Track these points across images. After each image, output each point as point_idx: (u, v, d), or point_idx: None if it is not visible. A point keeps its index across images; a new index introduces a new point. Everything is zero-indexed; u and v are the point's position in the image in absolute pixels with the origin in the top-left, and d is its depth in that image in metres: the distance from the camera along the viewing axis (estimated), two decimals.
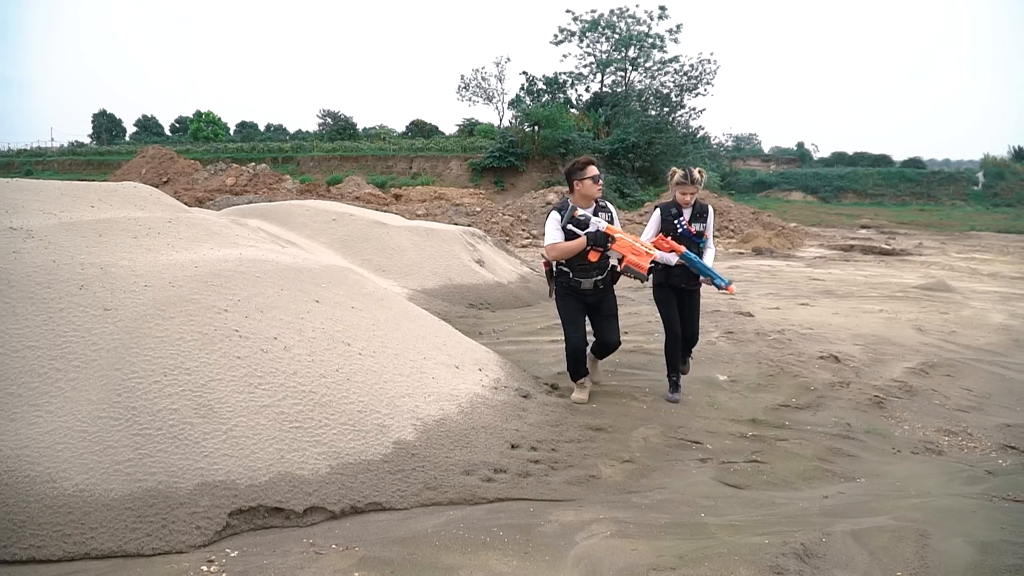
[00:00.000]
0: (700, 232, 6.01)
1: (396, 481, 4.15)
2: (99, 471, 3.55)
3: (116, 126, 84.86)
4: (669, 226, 6.00)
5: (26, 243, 4.64)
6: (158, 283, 4.56)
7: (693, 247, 5.90)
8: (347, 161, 47.50)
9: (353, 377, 4.52)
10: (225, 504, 3.64)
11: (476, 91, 55.01)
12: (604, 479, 4.60)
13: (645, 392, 6.37)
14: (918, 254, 20.62)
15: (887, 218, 36.80)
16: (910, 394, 6.64)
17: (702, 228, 6.01)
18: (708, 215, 6.07)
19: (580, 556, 3.57)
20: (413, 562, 3.46)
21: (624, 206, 33.94)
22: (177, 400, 3.88)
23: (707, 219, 6.06)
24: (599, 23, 50.77)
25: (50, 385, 3.85)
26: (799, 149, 74.85)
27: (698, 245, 5.96)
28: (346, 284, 5.65)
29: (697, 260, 5.79)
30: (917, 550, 3.60)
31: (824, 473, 4.85)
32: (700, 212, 6.03)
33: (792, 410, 6.10)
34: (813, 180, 54.44)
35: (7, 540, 3.30)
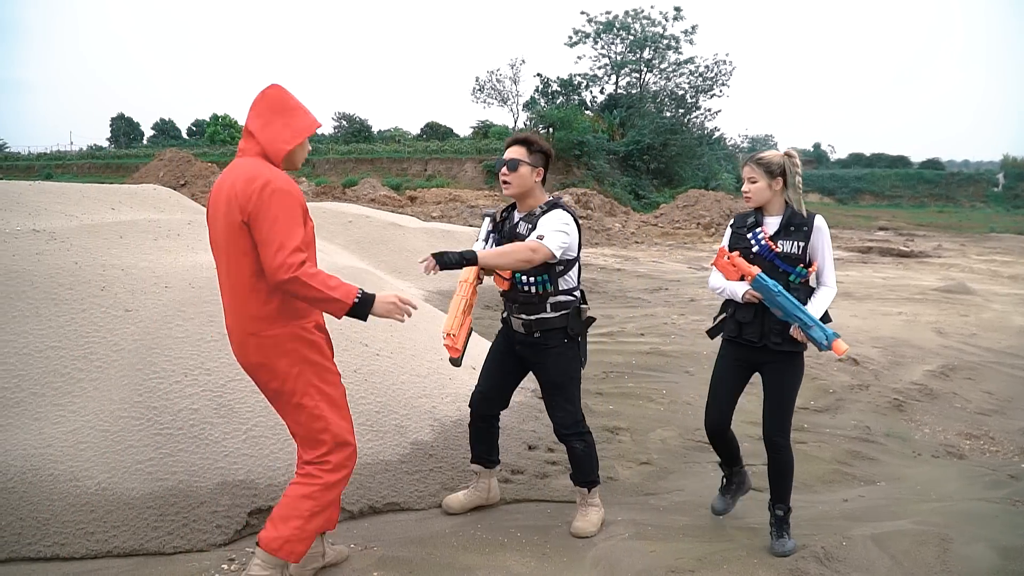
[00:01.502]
0: (793, 256, 3.56)
1: (414, 482, 4.16)
2: (121, 470, 3.58)
3: (134, 129, 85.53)
4: (742, 240, 3.71)
5: (49, 245, 4.69)
6: (178, 284, 4.60)
7: (779, 279, 3.56)
8: (362, 163, 47.63)
9: (371, 378, 4.54)
10: (245, 503, 3.66)
11: (491, 93, 55.17)
12: (621, 481, 4.60)
13: (662, 394, 6.36)
14: (937, 256, 20.46)
15: (905, 220, 36.58)
16: (930, 397, 6.60)
17: (797, 250, 3.55)
18: (813, 232, 3.56)
19: (598, 558, 3.57)
20: (431, 562, 3.47)
21: (639, 208, 33.90)
22: (197, 400, 3.91)
23: (809, 237, 3.56)
24: (614, 24, 50.74)
25: (73, 385, 3.89)
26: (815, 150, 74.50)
27: (787, 277, 3.57)
28: (363, 285, 5.66)
29: (782, 295, 3.47)
30: (939, 555, 3.58)
31: (844, 476, 4.83)
32: (795, 224, 3.59)
33: (811, 413, 6.07)
34: (830, 181, 54.24)
35: (31, 537, 3.34)
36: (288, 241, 2.73)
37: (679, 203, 28.32)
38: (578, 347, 3.80)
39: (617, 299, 11.51)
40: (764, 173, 3.59)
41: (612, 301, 11.27)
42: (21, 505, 3.39)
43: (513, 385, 3.99)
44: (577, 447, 3.83)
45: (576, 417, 3.81)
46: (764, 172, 3.59)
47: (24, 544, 3.32)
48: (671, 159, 42.44)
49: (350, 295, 2.81)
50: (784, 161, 3.59)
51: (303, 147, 3.05)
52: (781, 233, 3.61)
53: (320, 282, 2.75)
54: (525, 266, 3.46)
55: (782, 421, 3.72)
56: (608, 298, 11.56)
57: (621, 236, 22.55)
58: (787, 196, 3.63)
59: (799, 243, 3.55)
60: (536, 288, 3.64)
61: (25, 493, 3.43)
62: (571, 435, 3.81)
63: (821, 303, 3.56)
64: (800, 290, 3.57)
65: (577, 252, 3.72)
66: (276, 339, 2.90)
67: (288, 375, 2.92)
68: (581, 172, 39.86)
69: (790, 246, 3.57)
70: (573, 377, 3.80)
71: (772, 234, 3.62)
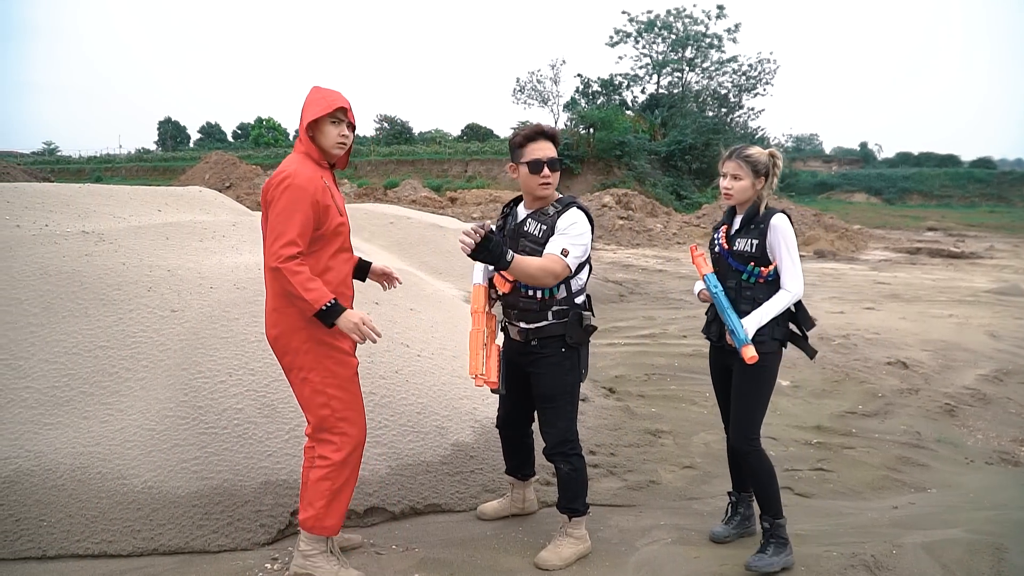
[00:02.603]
0: (746, 254, 3.46)
1: (455, 483, 4.15)
2: (167, 469, 3.63)
3: (180, 133, 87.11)
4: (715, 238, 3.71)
5: (97, 246, 4.78)
6: (223, 285, 4.65)
7: (732, 277, 3.50)
8: (403, 165, 47.93)
9: (412, 379, 4.54)
10: (288, 503, 3.68)
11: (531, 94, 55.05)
12: (664, 485, 4.55)
13: (705, 397, 6.27)
14: (989, 257, 19.99)
15: (955, 220, 35.79)
16: (983, 402, 6.42)
17: (751, 247, 3.45)
18: (768, 231, 3.41)
19: (641, 562, 3.52)
20: (472, 564, 3.46)
21: (681, 208, 33.61)
22: (241, 400, 3.95)
23: (764, 235, 3.42)
24: (655, 24, 50.43)
25: (120, 384, 3.95)
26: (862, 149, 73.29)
27: (740, 275, 3.47)
28: (404, 286, 5.66)
29: (718, 295, 3.44)
30: (993, 564, 3.48)
31: (893, 483, 4.72)
32: (753, 222, 3.48)
33: (859, 417, 5.95)
34: (877, 181, 53.22)
35: (80, 535, 3.40)
36: (286, 232, 2.96)
37: (722, 203, 27.94)
38: (578, 357, 3.51)
39: (659, 300, 11.41)
40: (751, 171, 3.48)
41: (654, 302, 11.18)
42: (70, 503, 3.46)
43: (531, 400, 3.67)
44: (562, 468, 3.52)
45: (565, 436, 3.50)
46: (751, 170, 3.48)
47: (73, 541, 3.38)
48: (713, 159, 41.59)
49: (320, 301, 2.96)
50: (770, 160, 3.51)
51: (326, 134, 3.17)
52: (741, 231, 3.53)
53: (300, 281, 2.94)
54: (550, 283, 3.32)
55: (743, 426, 3.53)
56: (650, 299, 11.47)
57: (663, 237, 22.39)
58: (762, 195, 3.52)
59: (753, 241, 3.45)
60: (541, 292, 3.40)
61: (74, 491, 3.49)
62: (556, 455, 3.52)
63: (772, 306, 3.40)
64: (757, 289, 3.45)
65: (588, 255, 3.51)
66: (293, 316, 3.09)
67: (299, 350, 3.13)
68: (622, 172, 39.64)
69: (744, 244, 3.48)
70: (567, 391, 3.51)
71: (734, 232, 3.56)
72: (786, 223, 3.44)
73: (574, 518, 3.55)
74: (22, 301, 4.22)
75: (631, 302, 11.21)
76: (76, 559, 3.35)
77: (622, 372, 6.96)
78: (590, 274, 3.56)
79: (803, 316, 3.55)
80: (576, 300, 3.45)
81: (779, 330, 3.48)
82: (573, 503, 3.54)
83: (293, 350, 3.14)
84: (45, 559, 3.34)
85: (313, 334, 3.11)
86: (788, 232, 3.43)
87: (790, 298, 3.42)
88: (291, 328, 3.11)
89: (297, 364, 3.15)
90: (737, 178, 3.50)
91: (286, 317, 3.10)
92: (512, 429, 3.86)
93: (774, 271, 3.43)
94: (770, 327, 3.43)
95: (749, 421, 3.52)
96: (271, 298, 3.15)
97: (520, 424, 3.85)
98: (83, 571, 3.27)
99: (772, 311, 3.40)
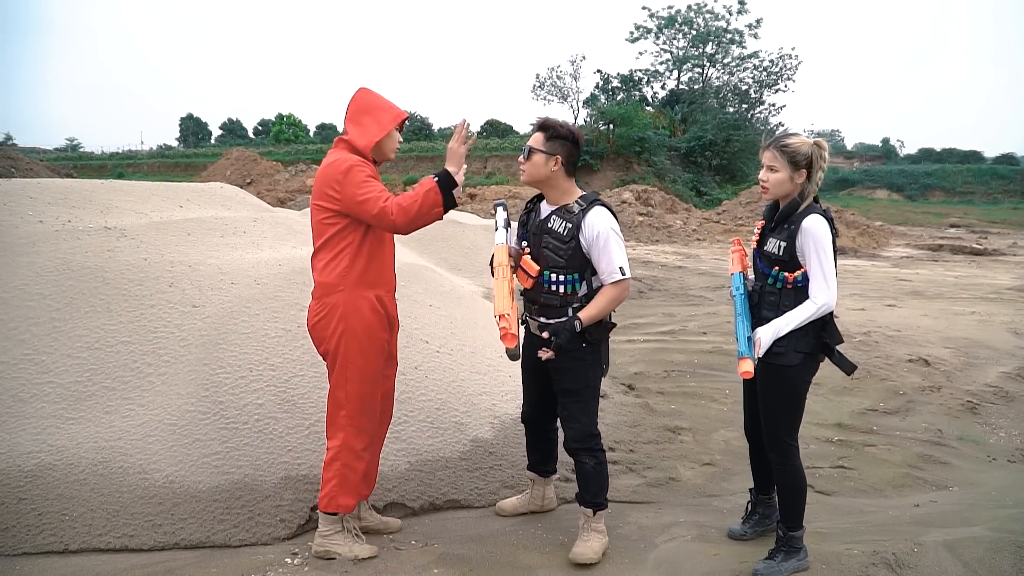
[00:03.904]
0: (773, 257, 3.27)
1: (474, 479, 4.16)
2: (188, 463, 3.66)
3: (202, 129, 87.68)
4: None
5: (120, 242, 4.81)
6: (244, 280, 4.68)
7: (759, 279, 3.39)
8: (423, 161, 47.94)
9: (431, 375, 4.55)
10: (308, 498, 3.70)
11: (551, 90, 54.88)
12: (684, 482, 4.53)
13: (725, 394, 6.24)
14: (1012, 254, 19.74)
15: (977, 217, 35.36)
16: (1006, 400, 6.35)
17: (778, 250, 3.24)
18: (799, 234, 3.17)
19: (660, 559, 3.51)
20: (491, 560, 3.46)
21: (701, 205, 33.44)
22: (262, 395, 3.97)
23: (793, 239, 3.19)
24: (676, 19, 50.11)
25: (142, 379, 3.98)
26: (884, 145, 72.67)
27: (766, 279, 3.31)
28: (423, 282, 5.69)
29: (737, 298, 3.39)
30: (1015, 563, 3.44)
31: (915, 481, 4.67)
32: (786, 222, 3.25)
33: (880, 415, 5.90)
34: (899, 177, 52.67)
35: (102, 529, 3.43)
36: (373, 193, 3.17)
37: (742, 200, 27.81)
38: (599, 353, 3.50)
39: (678, 297, 11.36)
40: (788, 163, 3.21)
41: (673, 299, 11.14)
42: (92, 497, 3.49)
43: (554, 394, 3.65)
44: (587, 463, 3.51)
45: (590, 430, 3.52)
46: (788, 161, 3.21)
47: (95, 535, 3.42)
48: (734, 155, 41.71)
49: (430, 181, 3.17)
50: (813, 151, 3.21)
51: (391, 137, 3.45)
52: (775, 229, 3.29)
53: (410, 195, 3.16)
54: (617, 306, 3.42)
55: (772, 435, 3.39)
56: (669, 296, 11.42)
57: (682, 233, 22.28)
58: (806, 190, 3.25)
59: (781, 243, 3.22)
60: (564, 288, 3.39)
61: (96, 485, 3.52)
62: (580, 449, 3.51)
63: (794, 316, 3.16)
64: (783, 295, 3.24)
65: None
66: (331, 306, 3.28)
67: (332, 337, 3.29)
68: (642, 169, 39.50)
69: (773, 245, 3.26)
70: (589, 385, 3.51)
71: (768, 230, 3.34)
72: (820, 226, 3.15)
73: (598, 512, 3.53)
74: (45, 296, 4.26)
75: (650, 299, 11.16)
76: (98, 553, 3.39)
77: (641, 369, 6.94)
78: None
79: (830, 330, 3.25)
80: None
81: (805, 342, 3.21)
82: (596, 497, 3.52)
83: (328, 338, 3.32)
84: (67, 553, 3.38)
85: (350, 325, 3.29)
86: (821, 236, 3.14)
87: (815, 310, 3.15)
88: (329, 317, 3.31)
89: (331, 350, 3.35)
90: (773, 170, 3.25)
91: (325, 306, 3.31)
92: (537, 424, 3.86)
93: (802, 276, 3.18)
94: (792, 338, 3.19)
95: (774, 435, 3.38)
96: (315, 287, 3.36)
97: (545, 419, 3.83)
98: (104, 565, 3.30)
99: (792, 321, 3.16)
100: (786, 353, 3.21)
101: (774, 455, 3.41)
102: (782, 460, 3.38)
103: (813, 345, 3.25)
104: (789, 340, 3.20)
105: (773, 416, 3.37)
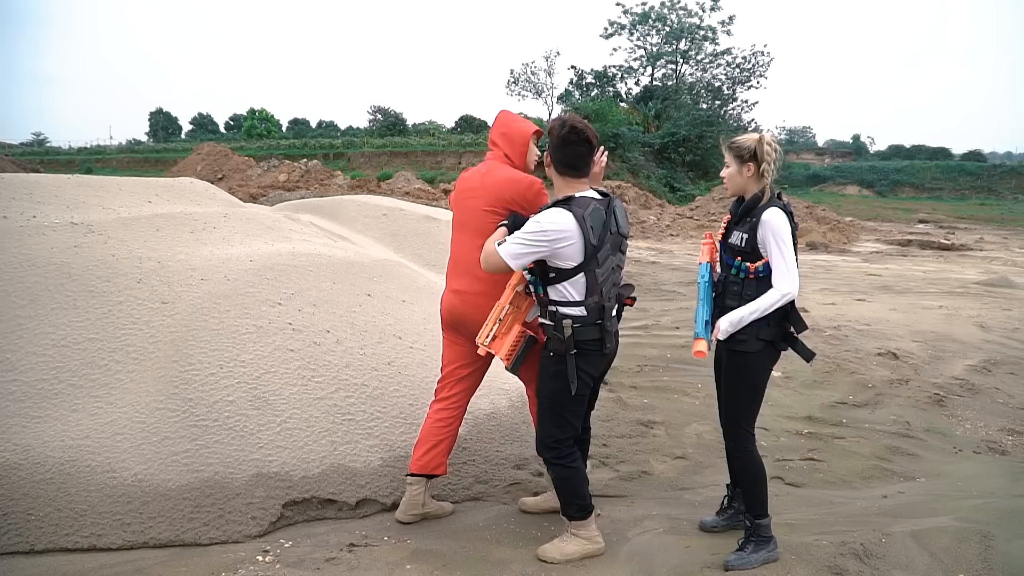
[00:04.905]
0: (735, 247, 3.42)
1: (447, 475, 4.15)
2: (157, 461, 3.61)
3: (172, 124, 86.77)
4: None
5: (86, 238, 4.74)
6: (214, 277, 4.63)
7: (724, 270, 3.51)
8: (397, 157, 47.77)
9: (405, 370, 4.53)
10: (279, 495, 3.68)
11: (525, 85, 55.08)
12: (656, 475, 4.56)
13: (697, 388, 6.29)
14: (979, 249, 20.06)
15: (946, 212, 35.90)
16: (972, 392, 6.46)
17: (741, 242, 3.38)
18: (759, 226, 3.31)
19: (633, 552, 3.53)
20: (465, 555, 3.46)
21: (674, 200, 33.64)
22: (233, 392, 3.93)
23: (755, 230, 3.32)
24: (650, 16, 50.37)
25: (110, 377, 3.93)
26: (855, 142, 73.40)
27: (730, 269, 3.43)
28: (397, 278, 5.67)
29: (701, 285, 3.51)
30: (980, 552, 3.50)
31: (883, 472, 4.74)
32: (748, 214, 3.39)
33: (849, 407, 5.97)
34: (869, 174, 53.27)
35: (69, 528, 3.38)
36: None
37: (715, 196, 28.06)
38: (563, 366, 3.31)
39: (652, 292, 11.42)
40: (734, 158, 3.39)
41: (647, 294, 11.19)
42: (59, 496, 3.44)
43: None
44: (549, 472, 3.54)
45: (547, 441, 3.43)
46: (734, 156, 3.39)
47: (62, 535, 3.37)
48: (707, 151, 42.01)
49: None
50: (755, 145, 3.35)
51: (532, 151, 3.90)
52: (739, 223, 3.43)
53: None
54: (481, 264, 3.40)
55: (730, 421, 3.51)
56: (642, 291, 11.47)
57: (656, 229, 22.40)
58: (763, 184, 3.37)
59: (743, 235, 3.36)
60: (533, 289, 3.39)
61: (63, 484, 3.47)
62: (543, 458, 3.53)
63: (757, 304, 3.27)
64: (745, 285, 3.35)
65: (580, 264, 3.24)
66: (475, 296, 3.68)
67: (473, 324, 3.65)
68: (616, 165, 39.61)
69: (736, 238, 3.41)
70: (548, 396, 3.42)
71: (733, 223, 3.48)
72: (778, 218, 3.29)
73: (572, 520, 3.49)
74: (9, 293, 4.19)
75: None
76: (65, 553, 3.34)
77: (615, 363, 6.93)
78: (592, 287, 3.29)
79: (794, 318, 3.39)
80: (565, 308, 3.29)
81: (767, 330, 3.34)
82: (565, 509, 3.50)
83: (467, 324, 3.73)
84: (33, 553, 3.33)
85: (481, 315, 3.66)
86: (779, 227, 3.27)
87: (778, 297, 3.26)
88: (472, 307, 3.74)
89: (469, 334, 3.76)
90: (726, 165, 3.46)
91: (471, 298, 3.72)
92: None
93: (764, 267, 3.30)
94: (755, 327, 3.30)
95: (733, 420, 3.50)
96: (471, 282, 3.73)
97: None
98: (72, 565, 3.26)
99: (757, 310, 3.27)
100: (748, 340, 3.34)
101: (731, 442, 3.55)
102: (738, 446, 3.52)
103: (775, 334, 3.38)
104: (751, 328, 3.32)
105: (733, 402, 3.51)
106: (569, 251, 3.22)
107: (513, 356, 3.41)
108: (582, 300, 3.29)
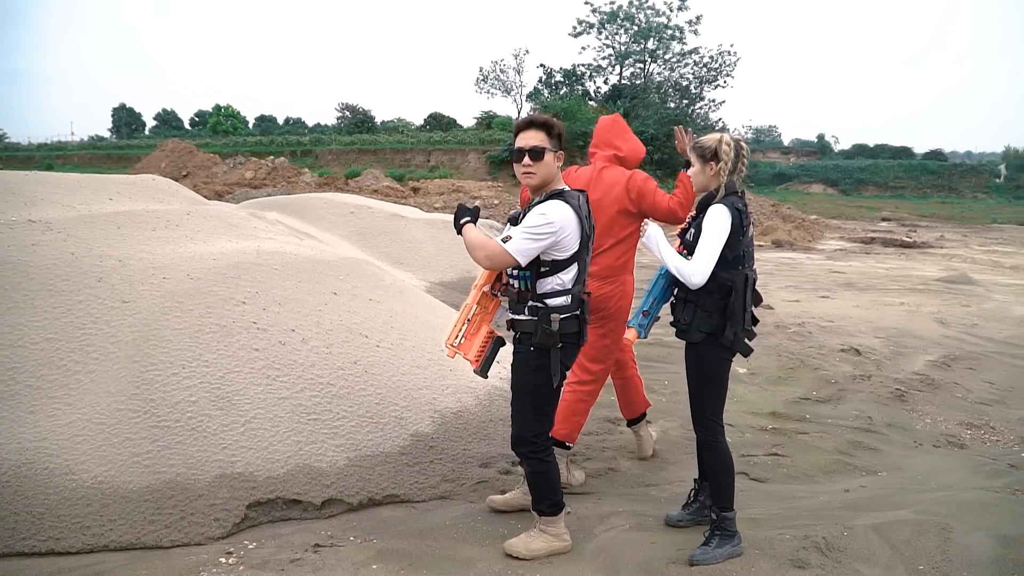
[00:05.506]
0: (688, 243, 3.57)
1: (414, 473, 4.14)
2: (118, 463, 3.56)
3: (136, 120, 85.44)
4: None
5: (45, 235, 4.66)
6: (176, 275, 4.57)
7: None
8: (365, 154, 47.51)
9: (371, 369, 4.51)
10: (243, 496, 3.64)
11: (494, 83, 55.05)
12: (623, 472, 4.58)
13: (664, 385, 6.33)
14: (939, 247, 20.39)
15: (908, 211, 36.41)
16: (932, 387, 6.57)
17: (692, 237, 3.53)
18: (705, 213, 3.47)
19: (599, 549, 3.55)
20: (431, 554, 3.45)
21: None
22: (195, 392, 3.89)
23: (703, 227, 3.44)
24: (618, 15, 50.54)
25: (69, 377, 3.86)
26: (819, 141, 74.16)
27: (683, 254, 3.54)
28: (364, 276, 5.64)
29: (654, 281, 3.73)
30: (939, 544, 3.56)
31: (845, 467, 4.80)
32: (701, 211, 3.56)
33: (813, 403, 6.05)
34: (833, 172, 53.86)
35: (26, 532, 3.32)
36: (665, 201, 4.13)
37: None
38: (547, 360, 3.35)
39: None
40: (697, 157, 3.54)
41: None
42: (15, 499, 3.37)
43: None
44: (524, 467, 3.56)
45: (523, 435, 3.43)
46: (697, 156, 3.54)
47: (18, 539, 3.31)
48: (675, 150, 42.20)
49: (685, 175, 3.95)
50: (715, 144, 3.46)
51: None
52: (695, 218, 3.60)
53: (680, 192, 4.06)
54: (485, 265, 3.32)
55: (696, 411, 3.60)
56: None
57: None
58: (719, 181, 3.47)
59: (694, 231, 3.50)
60: (519, 284, 3.37)
61: (20, 487, 3.40)
62: (518, 452, 3.50)
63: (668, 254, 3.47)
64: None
65: (574, 253, 3.32)
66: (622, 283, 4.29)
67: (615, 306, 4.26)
68: (585, 163, 39.72)
69: (690, 233, 3.56)
70: (529, 391, 3.41)
71: (692, 219, 3.62)
72: (715, 214, 3.39)
73: (542, 516, 3.50)
74: None
75: None
76: (22, 557, 3.28)
77: None
78: (580, 276, 3.39)
79: (731, 313, 3.40)
80: (553, 300, 3.31)
81: (708, 322, 3.42)
82: (537, 503, 3.50)
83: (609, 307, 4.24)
84: None
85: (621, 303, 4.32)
86: (712, 223, 3.37)
87: (679, 268, 3.40)
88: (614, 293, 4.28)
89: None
90: (692, 166, 3.60)
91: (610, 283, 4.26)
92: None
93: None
94: (697, 319, 3.44)
95: (698, 411, 3.59)
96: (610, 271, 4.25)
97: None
98: (29, 570, 3.19)
99: (664, 252, 3.49)
100: (689, 331, 3.49)
101: (700, 432, 3.61)
102: (707, 437, 3.58)
103: (715, 326, 3.44)
104: (693, 319, 3.47)
105: (696, 392, 3.59)
106: (568, 240, 3.28)
107: (482, 358, 3.39)
108: (571, 288, 3.33)
